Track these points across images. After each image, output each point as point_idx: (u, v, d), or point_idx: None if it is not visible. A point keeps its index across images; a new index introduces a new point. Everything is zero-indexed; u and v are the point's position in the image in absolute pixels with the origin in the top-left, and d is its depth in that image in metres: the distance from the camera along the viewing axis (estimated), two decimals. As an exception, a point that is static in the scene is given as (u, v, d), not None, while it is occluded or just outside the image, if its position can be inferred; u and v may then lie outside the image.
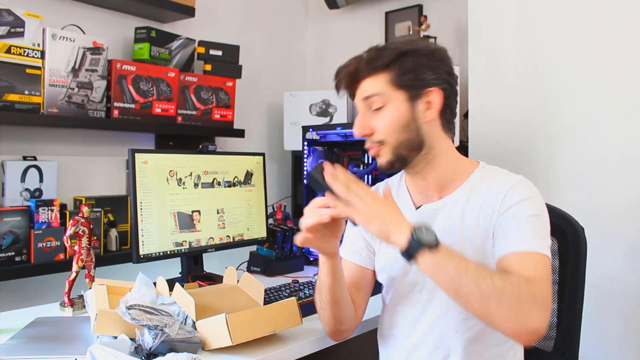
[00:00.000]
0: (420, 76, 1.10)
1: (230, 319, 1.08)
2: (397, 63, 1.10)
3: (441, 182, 1.15)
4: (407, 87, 1.10)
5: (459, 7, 2.18)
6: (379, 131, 1.12)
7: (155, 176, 1.53)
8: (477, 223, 1.09)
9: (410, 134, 1.11)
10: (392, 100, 1.11)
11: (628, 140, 1.49)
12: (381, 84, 1.11)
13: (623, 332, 1.48)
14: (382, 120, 1.11)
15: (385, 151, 1.13)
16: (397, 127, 1.10)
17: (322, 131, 2.05)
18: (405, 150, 1.12)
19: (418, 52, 1.11)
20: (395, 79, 1.10)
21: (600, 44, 1.55)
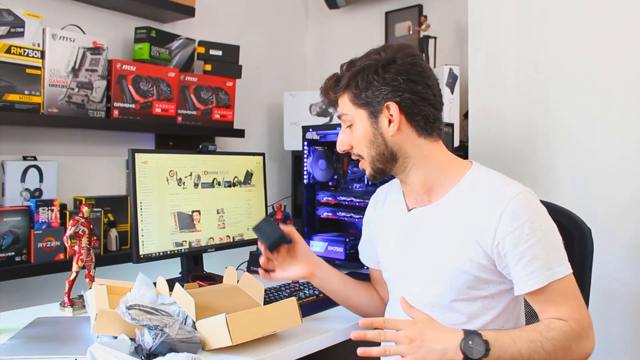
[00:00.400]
0: (375, 93, 1.12)
1: (230, 319, 1.08)
2: (353, 83, 1.14)
3: (427, 187, 1.16)
4: (365, 105, 1.14)
5: (459, 7, 2.18)
6: (354, 147, 1.18)
7: (155, 176, 1.53)
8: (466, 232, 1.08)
9: (378, 149, 1.14)
10: (357, 119, 1.16)
11: (628, 140, 1.49)
12: (346, 104, 1.17)
13: (624, 331, 1.48)
14: (352, 137, 1.18)
15: (365, 165, 1.18)
16: (366, 143, 1.15)
17: (322, 131, 2.05)
18: (380, 163, 1.15)
19: (372, 68, 1.12)
20: (353, 99, 1.15)
21: (600, 43, 1.55)
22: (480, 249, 1.07)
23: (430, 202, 1.16)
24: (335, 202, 2.02)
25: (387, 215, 1.27)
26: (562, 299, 1.04)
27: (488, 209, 1.06)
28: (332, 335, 1.30)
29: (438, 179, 1.15)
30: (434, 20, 2.27)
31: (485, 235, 1.06)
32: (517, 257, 1.03)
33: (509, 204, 1.04)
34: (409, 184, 1.18)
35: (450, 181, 1.14)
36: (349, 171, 2.08)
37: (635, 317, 1.47)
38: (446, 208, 1.12)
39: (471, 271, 1.08)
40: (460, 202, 1.11)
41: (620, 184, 1.50)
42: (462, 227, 1.09)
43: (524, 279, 1.04)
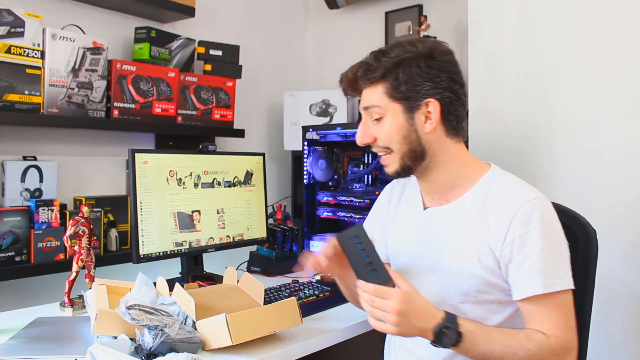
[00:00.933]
0: (416, 87, 1.07)
1: (230, 319, 1.08)
2: (392, 74, 1.08)
3: (446, 187, 1.15)
4: (403, 99, 1.08)
5: (459, 7, 2.18)
6: (382, 139, 1.12)
7: (155, 176, 1.53)
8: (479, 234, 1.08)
9: (410, 145, 1.10)
10: (390, 112, 1.10)
11: (628, 140, 1.49)
12: (378, 95, 1.10)
13: (625, 332, 1.48)
14: (382, 130, 1.12)
15: (393, 160, 1.13)
16: (398, 139, 1.10)
17: (322, 131, 2.05)
18: (410, 160, 1.11)
19: (414, 61, 1.07)
20: (390, 91, 1.09)
21: (600, 43, 1.54)
22: (491, 252, 1.06)
23: (447, 201, 1.15)
24: (335, 202, 2.03)
25: (402, 211, 1.26)
26: (550, 313, 1.02)
27: (501, 212, 1.06)
28: (332, 335, 1.30)
29: (457, 180, 1.14)
30: (434, 20, 2.27)
31: (496, 238, 1.05)
32: (520, 261, 1.03)
33: (521, 207, 1.04)
34: (428, 182, 1.16)
35: (468, 182, 1.13)
36: (349, 171, 2.08)
37: (636, 318, 1.47)
38: (461, 209, 1.12)
39: (481, 274, 1.07)
40: (475, 204, 1.10)
41: (621, 184, 1.50)
42: (475, 229, 1.08)
43: (522, 284, 1.03)
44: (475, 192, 1.12)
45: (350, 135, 1.97)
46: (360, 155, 2.06)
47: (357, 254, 1.04)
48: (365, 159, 2.04)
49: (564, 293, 1.03)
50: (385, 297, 0.97)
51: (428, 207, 1.18)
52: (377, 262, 1.03)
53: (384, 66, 1.08)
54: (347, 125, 1.99)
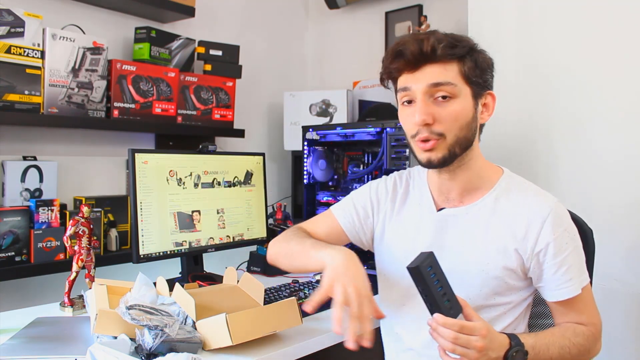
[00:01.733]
0: (485, 76, 1.09)
1: (230, 319, 1.08)
2: (472, 57, 1.07)
3: (467, 187, 1.13)
4: (475, 84, 1.08)
5: (459, 7, 2.18)
6: (441, 123, 1.04)
7: (155, 176, 1.53)
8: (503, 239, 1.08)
9: (468, 132, 1.07)
10: (462, 94, 1.06)
11: (628, 140, 1.49)
12: (453, 74, 1.05)
13: (624, 332, 1.48)
14: (449, 112, 1.04)
15: (442, 146, 1.06)
16: (462, 123, 1.06)
17: (322, 131, 2.05)
18: (459, 148, 1.07)
19: (484, 51, 1.10)
20: (467, 72, 1.06)
21: (600, 43, 1.54)
22: (518, 257, 1.08)
23: (462, 203, 1.14)
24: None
25: (409, 210, 1.21)
26: (584, 306, 1.11)
27: (529, 216, 1.07)
28: (332, 335, 1.30)
29: (477, 181, 1.13)
30: (434, 20, 2.27)
31: (525, 243, 1.07)
32: (557, 265, 1.07)
33: (550, 212, 1.07)
34: (451, 179, 1.12)
35: (484, 185, 1.13)
36: (349, 171, 2.08)
37: (636, 318, 1.47)
38: (480, 212, 1.11)
39: (502, 277, 1.08)
40: (494, 208, 1.11)
41: (621, 184, 1.50)
42: (498, 234, 1.08)
43: (561, 287, 1.08)
44: (495, 196, 1.12)
45: (350, 135, 1.97)
46: (360, 155, 2.06)
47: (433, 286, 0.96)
48: (365, 158, 2.04)
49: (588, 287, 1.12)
50: (471, 333, 0.95)
51: (443, 208, 1.16)
52: (449, 291, 0.98)
53: (467, 46, 1.06)
54: (347, 125, 1.99)
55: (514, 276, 1.09)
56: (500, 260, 1.08)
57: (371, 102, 2.34)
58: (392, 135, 1.82)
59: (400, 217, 1.23)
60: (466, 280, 1.09)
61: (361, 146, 2.04)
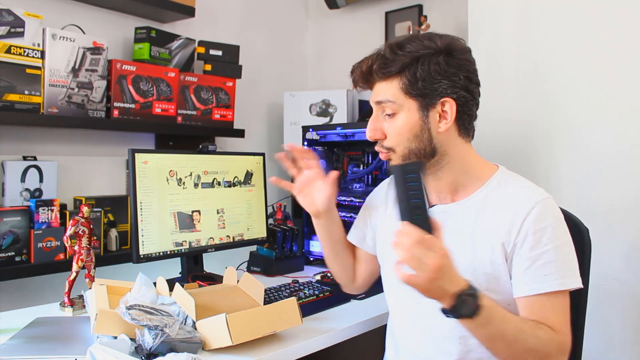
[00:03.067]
0: (433, 85, 1.05)
1: (230, 319, 1.08)
2: (409, 70, 1.05)
3: (455, 186, 1.14)
4: (419, 96, 1.06)
5: (459, 7, 2.18)
6: (390, 138, 1.10)
7: (155, 176, 1.54)
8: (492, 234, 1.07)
9: (420, 143, 1.08)
10: (404, 109, 1.07)
11: (628, 140, 1.49)
12: (393, 90, 1.07)
13: (623, 332, 1.48)
14: (393, 127, 1.09)
15: (395, 157, 1.11)
16: (409, 136, 1.08)
17: (322, 131, 2.05)
18: (415, 157, 1.08)
19: (433, 57, 1.05)
20: (406, 87, 1.06)
21: (600, 44, 1.54)
22: (504, 251, 1.06)
23: (454, 200, 1.14)
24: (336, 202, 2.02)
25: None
26: (559, 310, 1.03)
27: (515, 210, 1.05)
28: (332, 335, 1.30)
29: (466, 180, 1.13)
30: (434, 20, 2.27)
31: (509, 236, 1.05)
32: (532, 259, 1.02)
33: (535, 206, 1.04)
34: (436, 180, 1.14)
35: (476, 182, 1.13)
36: (349, 171, 2.08)
37: (635, 318, 1.47)
38: (470, 208, 1.11)
39: (492, 272, 1.07)
40: (485, 203, 1.10)
41: (621, 184, 1.50)
42: (487, 229, 1.08)
43: (534, 280, 1.02)
44: (486, 192, 1.11)
45: (350, 135, 1.97)
46: (360, 155, 2.06)
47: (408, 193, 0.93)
48: (365, 158, 2.04)
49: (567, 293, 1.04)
50: (430, 248, 0.90)
51: (434, 205, 1.16)
52: (424, 207, 0.94)
53: (402, 61, 1.05)
54: (347, 125, 1.99)
55: (503, 271, 1.07)
56: (489, 255, 1.07)
57: (371, 102, 2.34)
58: (392, 135, 1.82)
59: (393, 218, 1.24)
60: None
61: (361, 146, 2.04)
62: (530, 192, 1.08)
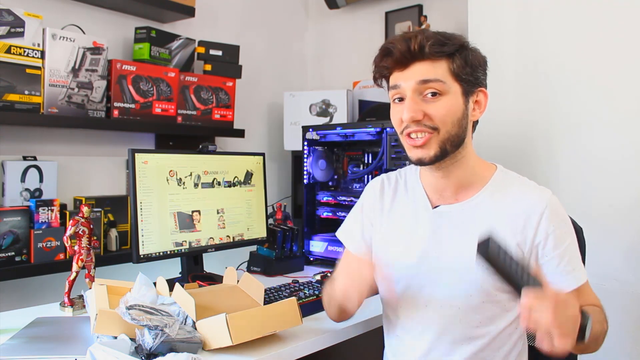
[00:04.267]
0: (476, 73, 1.09)
1: (231, 319, 1.08)
2: (461, 54, 1.07)
3: (461, 184, 1.14)
4: (465, 81, 1.08)
5: (459, 7, 2.18)
6: (436, 118, 1.05)
7: (155, 176, 1.53)
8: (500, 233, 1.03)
9: (459, 129, 1.08)
10: (451, 91, 1.06)
11: (628, 140, 1.49)
12: (442, 71, 1.06)
13: (623, 332, 1.48)
14: (438, 109, 1.05)
15: (434, 142, 1.06)
16: (452, 119, 1.06)
17: (322, 131, 2.05)
18: (451, 145, 1.08)
19: (475, 49, 1.10)
20: (456, 70, 1.06)
21: (600, 44, 1.55)
22: (519, 251, 1.08)
23: (457, 200, 1.13)
24: (335, 202, 2.03)
25: (401, 210, 1.21)
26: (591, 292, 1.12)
27: (527, 210, 1.08)
28: (332, 335, 1.30)
29: (471, 178, 1.14)
30: (434, 20, 2.27)
31: (524, 236, 1.08)
32: (559, 256, 1.07)
33: (548, 204, 1.09)
34: (445, 177, 1.13)
35: (479, 182, 1.13)
36: (349, 171, 2.08)
37: (634, 318, 1.47)
38: (476, 208, 1.11)
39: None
40: (491, 203, 1.11)
41: (621, 183, 1.50)
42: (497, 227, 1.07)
43: (567, 276, 1.07)
44: (490, 191, 1.12)
45: (350, 135, 1.97)
46: (360, 155, 2.06)
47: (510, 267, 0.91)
48: (365, 158, 2.04)
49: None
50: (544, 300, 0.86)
51: (438, 206, 1.15)
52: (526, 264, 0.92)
53: (456, 44, 1.07)
54: (347, 125, 1.99)
55: None
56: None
57: (371, 102, 2.34)
58: (392, 135, 1.82)
59: (392, 216, 1.22)
60: (466, 276, 1.09)
61: (361, 146, 2.04)
62: (538, 192, 1.12)
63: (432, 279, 1.13)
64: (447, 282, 1.11)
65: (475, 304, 1.09)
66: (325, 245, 2.00)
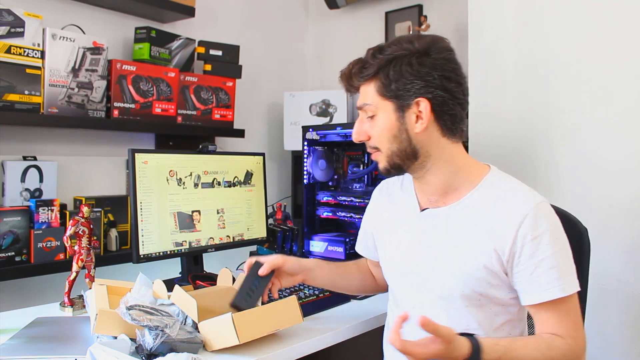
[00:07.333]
0: (406, 86, 1.06)
1: (236, 319, 1.08)
2: (383, 72, 1.07)
3: (444, 188, 1.13)
4: (393, 97, 1.07)
5: (459, 7, 2.18)
6: (373, 139, 1.13)
7: (155, 176, 1.53)
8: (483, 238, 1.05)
9: (400, 144, 1.09)
10: (381, 110, 1.09)
11: (628, 140, 1.49)
12: (371, 93, 1.10)
13: (622, 332, 1.48)
14: (374, 128, 1.12)
15: (381, 158, 1.13)
16: (388, 137, 1.10)
17: (322, 131, 2.05)
18: (399, 159, 1.10)
19: (406, 59, 1.06)
20: (381, 89, 1.08)
21: (600, 43, 1.55)
22: (496, 256, 1.04)
23: (445, 204, 1.13)
24: (335, 202, 2.03)
25: (396, 213, 1.23)
26: (566, 315, 1.03)
27: (508, 215, 1.04)
28: (332, 335, 1.30)
29: (456, 182, 1.12)
30: (434, 20, 2.27)
31: (503, 242, 1.04)
32: (533, 265, 1.02)
33: (530, 211, 1.03)
34: (424, 183, 1.14)
35: (467, 185, 1.11)
36: (349, 171, 2.08)
37: (634, 317, 1.47)
38: (462, 212, 1.10)
39: (485, 277, 1.06)
40: (476, 207, 1.08)
41: (621, 184, 1.50)
42: (479, 232, 1.06)
43: (539, 289, 1.02)
44: (478, 195, 1.10)
45: (350, 135, 1.97)
46: (360, 155, 2.06)
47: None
48: (365, 159, 2.04)
49: (575, 294, 1.03)
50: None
51: (425, 209, 1.16)
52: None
53: (377, 64, 1.08)
54: (347, 125, 1.99)
55: (496, 276, 1.06)
56: (481, 259, 1.05)
57: (371, 102, 2.34)
58: (392, 135, 1.82)
59: (387, 222, 1.26)
60: (450, 279, 1.09)
61: (361, 146, 2.03)
62: (524, 196, 1.06)
63: (418, 281, 1.14)
64: (431, 286, 1.12)
65: (459, 308, 1.08)
66: (325, 245, 2.00)
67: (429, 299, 1.12)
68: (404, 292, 1.19)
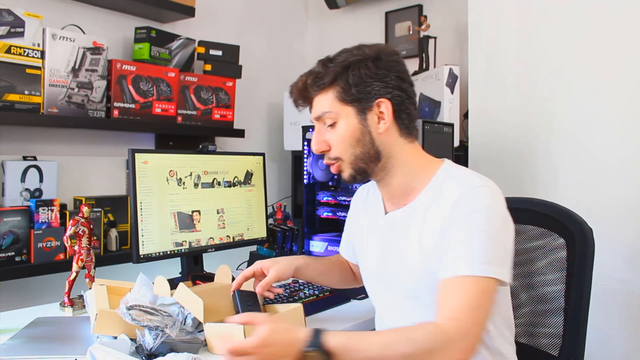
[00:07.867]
0: (366, 88, 1.08)
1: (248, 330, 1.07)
2: (341, 78, 1.08)
3: (403, 190, 1.13)
4: (355, 101, 1.08)
5: (459, 7, 2.18)
6: (334, 147, 1.12)
7: (155, 176, 1.53)
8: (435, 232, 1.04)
9: (364, 147, 1.09)
10: (343, 116, 1.10)
11: (628, 140, 1.49)
12: (330, 101, 1.10)
13: (625, 332, 1.48)
14: (335, 136, 1.11)
15: (344, 167, 1.13)
16: (351, 142, 1.10)
17: (322, 131, 2.04)
18: (363, 163, 1.10)
19: (362, 63, 1.09)
20: (341, 95, 1.09)
21: (600, 44, 1.55)
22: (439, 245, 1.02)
23: (405, 204, 1.13)
24: (335, 202, 2.02)
25: (369, 218, 1.25)
26: (456, 296, 0.95)
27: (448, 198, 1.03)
28: (332, 335, 1.30)
29: (413, 182, 1.12)
30: (434, 20, 2.27)
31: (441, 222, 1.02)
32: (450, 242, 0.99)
33: (466, 191, 1.01)
34: (386, 187, 1.15)
35: (422, 183, 1.11)
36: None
37: (635, 317, 1.47)
38: (417, 210, 1.09)
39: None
40: (429, 203, 1.08)
41: (620, 184, 1.50)
42: (432, 228, 1.05)
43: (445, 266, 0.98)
44: (429, 191, 1.09)
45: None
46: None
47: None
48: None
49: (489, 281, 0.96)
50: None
51: (389, 212, 1.17)
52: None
53: (333, 71, 1.09)
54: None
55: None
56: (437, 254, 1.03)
57: (371, 102, 2.34)
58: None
59: (359, 226, 1.28)
60: (412, 279, 1.08)
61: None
62: (465, 181, 1.04)
63: (386, 283, 1.16)
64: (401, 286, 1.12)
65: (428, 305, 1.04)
66: (325, 245, 2.00)
67: (399, 298, 1.13)
68: (377, 294, 1.22)
